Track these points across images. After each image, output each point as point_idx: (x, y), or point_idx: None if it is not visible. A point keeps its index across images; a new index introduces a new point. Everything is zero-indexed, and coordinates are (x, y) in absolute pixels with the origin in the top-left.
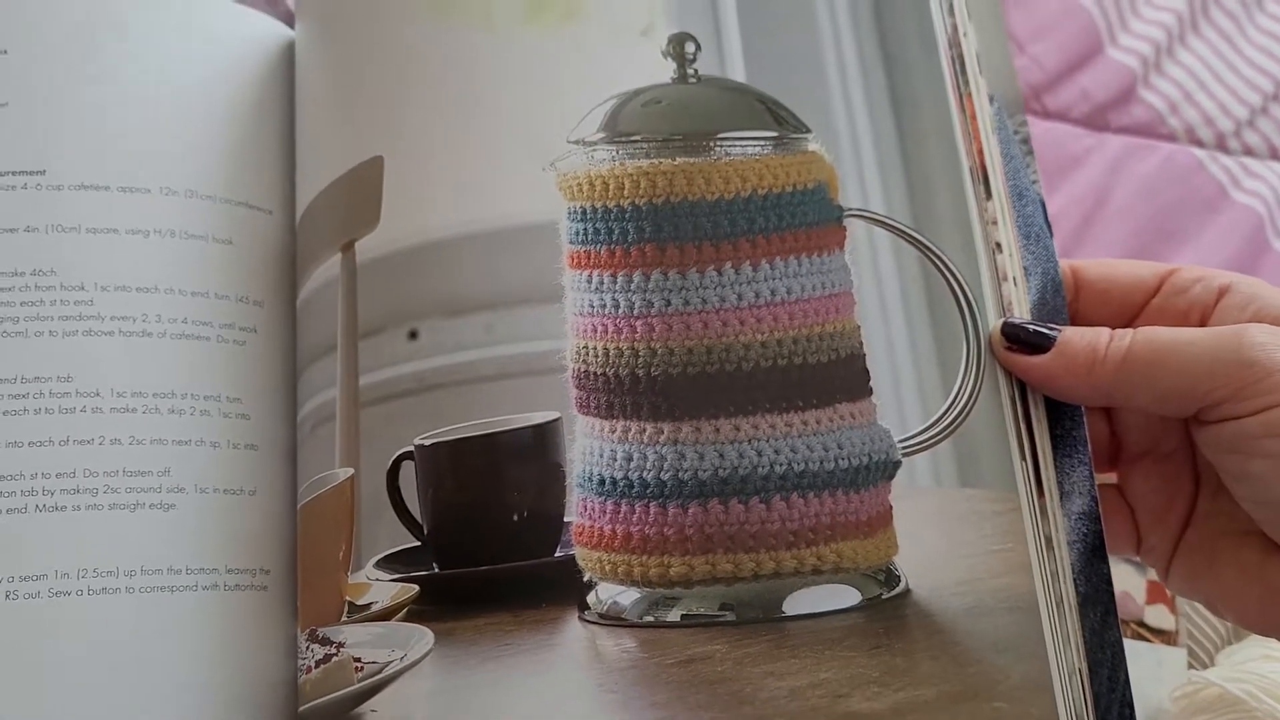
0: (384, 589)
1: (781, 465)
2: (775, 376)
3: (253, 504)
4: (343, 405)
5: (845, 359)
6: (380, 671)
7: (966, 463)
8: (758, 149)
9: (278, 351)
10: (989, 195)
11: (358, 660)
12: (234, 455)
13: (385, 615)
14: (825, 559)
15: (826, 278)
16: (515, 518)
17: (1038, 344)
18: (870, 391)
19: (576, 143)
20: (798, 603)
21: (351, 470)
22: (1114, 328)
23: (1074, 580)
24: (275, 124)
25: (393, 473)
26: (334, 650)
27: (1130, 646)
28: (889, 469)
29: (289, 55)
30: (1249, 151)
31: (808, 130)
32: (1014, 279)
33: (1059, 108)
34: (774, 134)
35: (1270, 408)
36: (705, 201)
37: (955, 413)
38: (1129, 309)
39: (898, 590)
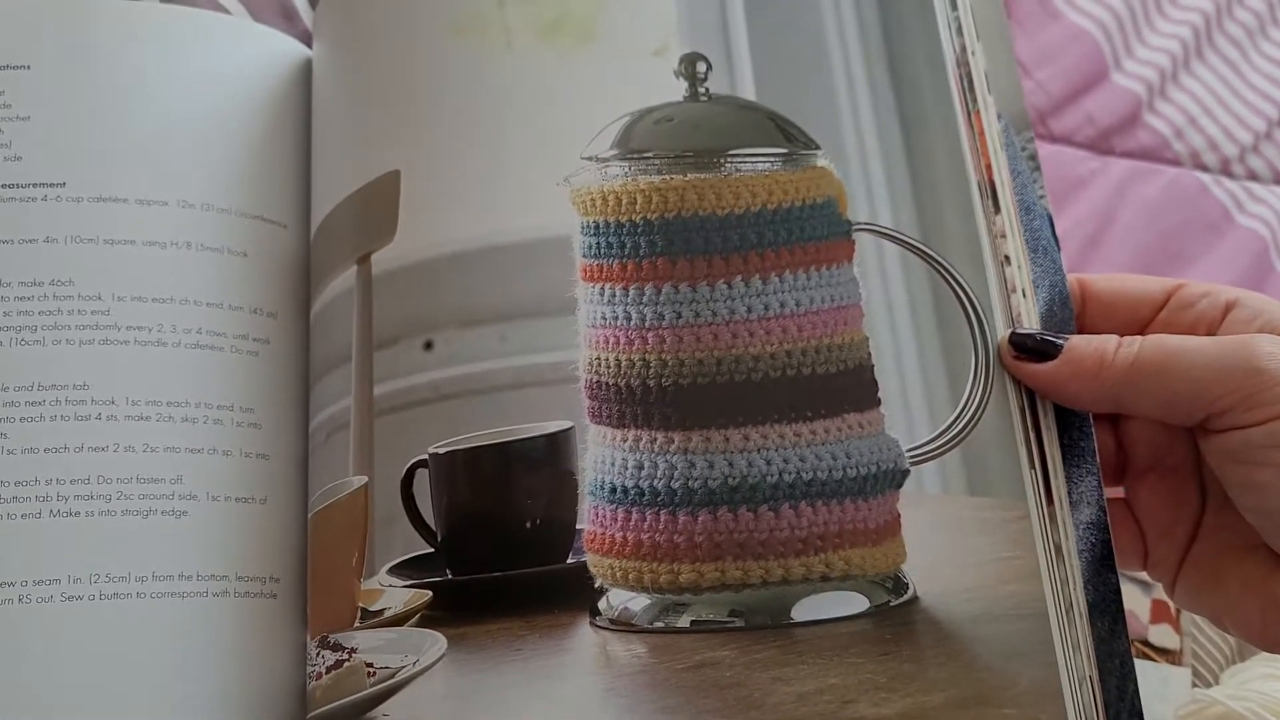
0: (397, 595)
1: (790, 474)
2: (784, 387)
3: (264, 512)
4: (357, 414)
5: (853, 370)
6: (393, 676)
7: (975, 471)
8: (767, 165)
9: (290, 362)
10: (997, 209)
11: (370, 665)
12: (246, 464)
13: (398, 621)
14: (834, 566)
15: (835, 290)
16: (528, 525)
17: (1045, 351)
18: (878, 402)
19: (590, 159)
20: (806, 609)
21: (365, 478)
22: None
23: (1084, 588)
24: (291, 140)
25: (407, 480)
26: (346, 656)
27: (1135, 665)
28: (897, 478)
29: (305, 73)
30: (1253, 176)
31: (817, 146)
32: (1023, 291)
33: (1064, 131)
34: (783, 150)
35: (1277, 418)
36: (716, 216)
37: (963, 422)
38: (1135, 323)
39: (906, 597)
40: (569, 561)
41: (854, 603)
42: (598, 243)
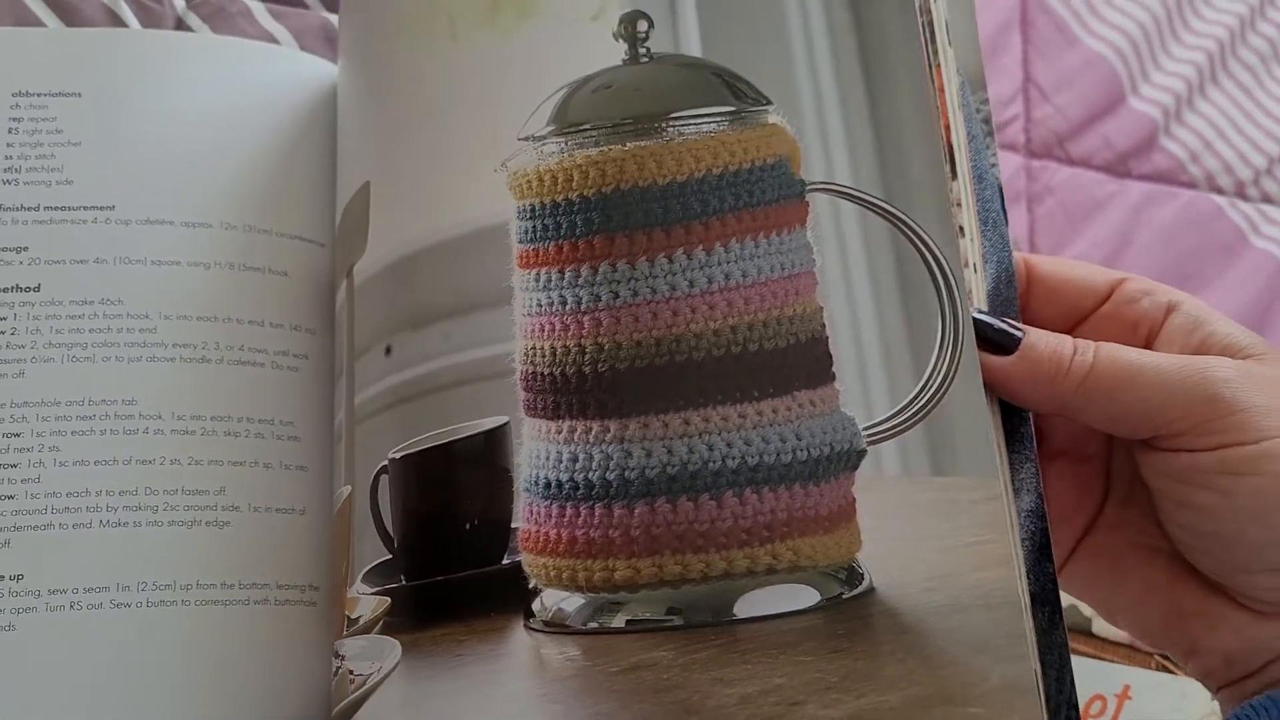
0: (368, 602)
1: (734, 459)
2: (729, 365)
3: (303, 523)
4: (346, 425)
5: (806, 343)
6: (365, 684)
7: (940, 449)
8: (713, 126)
9: (328, 377)
10: (954, 175)
11: (352, 673)
12: (285, 476)
13: (367, 628)
14: (781, 557)
15: (786, 258)
16: (468, 526)
17: (1002, 343)
18: (833, 377)
19: (527, 139)
20: (750, 605)
21: (350, 488)
22: (1063, 329)
23: (1027, 578)
24: (327, 160)
25: (374, 487)
26: (340, 662)
27: (1154, 678)
28: (852, 459)
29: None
30: (1267, 199)
31: (768, 102)
32: (974, 265)
33: (1082, 155)
34: (731, 108)
35: (1229, 445)
36: (657, 186)
37: (928, 395)
38: (1078, 311)
39: (860, 589)
40: (505, 562)
41: (803, 596)
42: (533, 226)
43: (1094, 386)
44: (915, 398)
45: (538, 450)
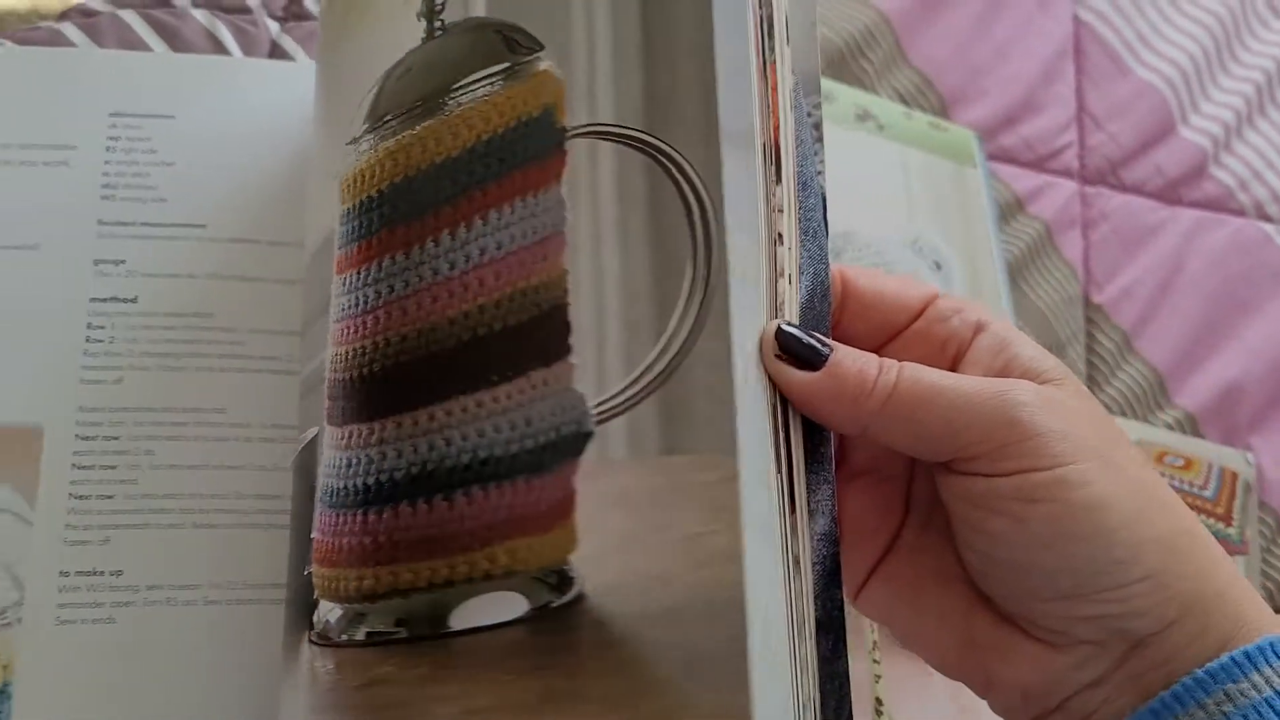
0: None
1: (467, 454)
2: (471, 352)
3: None
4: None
5: (546, 314)
6: None
7: (673, 422)
8: (488, 89)
9: None
10: (779, 180)
11: None
12: None
13: None
14: (496, 561)
15: (538, 220)
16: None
17: (809, 359)
18: (568, 350)
19: (350, 144)
20: (465, 615)
21: None
22: (874, 345)
23: (814, 604)
24: None
25: None
26: None
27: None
28: (576, 443)
29: None
30: None
31: (540, 47)
32: (790, 276)
33: (1134, 182)
34: (505, 65)
35: (1024, 471)
36: (436, 164)
37: (667, 359)
38: (890, 327)
39: (569, 596)
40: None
41: (513, 605)
42: (345, 230)
43: (896, 407)
44: (651, 364)
45: (328, 458)
